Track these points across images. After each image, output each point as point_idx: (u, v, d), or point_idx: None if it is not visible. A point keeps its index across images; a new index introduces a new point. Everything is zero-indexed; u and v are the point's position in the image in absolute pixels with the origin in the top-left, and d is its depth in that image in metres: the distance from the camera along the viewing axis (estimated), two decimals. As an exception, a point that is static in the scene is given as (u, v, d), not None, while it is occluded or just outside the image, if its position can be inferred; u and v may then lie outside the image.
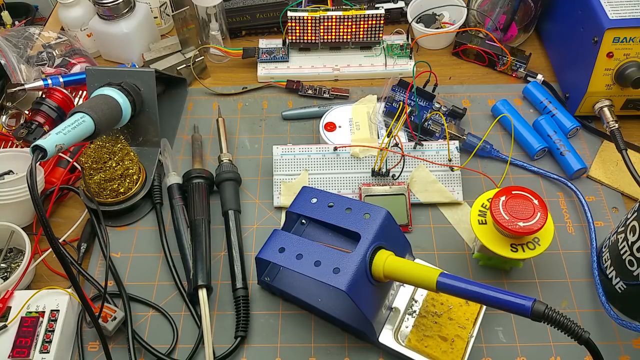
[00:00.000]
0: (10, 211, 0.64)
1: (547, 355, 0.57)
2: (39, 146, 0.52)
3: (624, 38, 0.67)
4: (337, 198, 0.57)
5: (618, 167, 0.70)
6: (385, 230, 0.54)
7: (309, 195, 0.58)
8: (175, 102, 0.80)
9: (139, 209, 0.69)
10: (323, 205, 0.57)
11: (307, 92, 0.81)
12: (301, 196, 0.59)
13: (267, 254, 0.54)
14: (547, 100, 0.76)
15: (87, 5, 0.85)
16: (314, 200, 0.57)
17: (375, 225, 0.53)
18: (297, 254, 0.53)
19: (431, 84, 0.73)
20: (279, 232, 0.56)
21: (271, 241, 0.55)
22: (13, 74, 0.76)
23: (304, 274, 0.51)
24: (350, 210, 0.55)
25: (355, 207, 0.55)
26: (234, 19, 0.87)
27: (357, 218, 0.54)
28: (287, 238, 0.54)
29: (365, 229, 0.53)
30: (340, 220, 0.55)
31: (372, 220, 0.54)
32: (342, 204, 0.56)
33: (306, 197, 0.58)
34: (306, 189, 0.59)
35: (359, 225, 0.54)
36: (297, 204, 0.58)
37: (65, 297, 0.58)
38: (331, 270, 0.50)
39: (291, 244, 0.54)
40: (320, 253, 0.52)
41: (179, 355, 0.58)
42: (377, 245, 0.52)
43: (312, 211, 0.57)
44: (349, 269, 0.50)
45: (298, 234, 0.60)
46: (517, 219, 0.54)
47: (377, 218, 0.54)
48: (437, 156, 0.69)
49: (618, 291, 0.57)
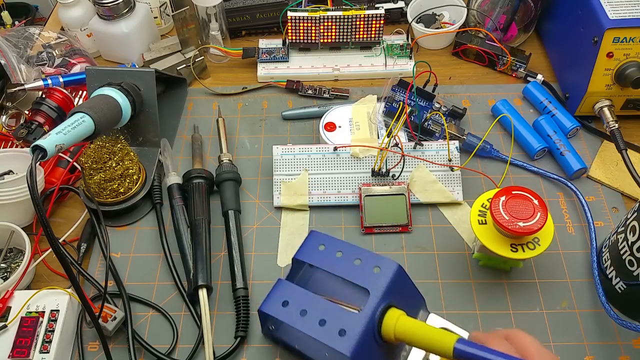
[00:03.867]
0: (10, 211, 0.64)
1: (547, 355, 0.57)
2: (39, 146, 0.52)
3: (624, 38, 0.67)
4: (346, 247, 0.53)
5: (618, 167, 0.70)
6: (397, 285, 0.51)
7: (317, 242, 0.55)
8: (175, 102, 0.80)
9: (139, 209, 0.69)
10: (331, 254, 0.53)
11: (307, 92, 0.81)
12: (309, 242, 0.56)
13: (270, 308, 0.51)
14: (547, 100, 0.76)
15: (87, 5, 0.85)
16: (322, 247, 0.54)
17: (385, 280, 0.50)
18: (301, 310, 0.50)
19: (431, 84, 0.73)
20: (284, 282, 0.53)
21: (275, 293, 0.52)
22: (13, 74, 0.76)
23: (307, 333, 0.48)
24: (359, 262, 0.52)
25: (365, 258, 0.52)
26: (234, 19, 0.87)
27: (367, 271, 0.51)
28: (292, 290, 0.52)
29: (375, 285, 0.49)
30: (349, 272, 0.52)
31: (383, 274, 0.50)
32: (351, 254, 0.53)
33: (314, 244, 0.55)
34: (314, 235, 0.56)
35: (368, 280, 0.50)
36: (304, 251, 0.55)
37: (65, 297, 0.58)
38: (336, 332, 0.47)
39: (295, 298, 0.51)
40: (325, 310, 0.49)
41: (179, 355, 0.58)
42: (387, 304, 0.49)
43: (319, 260, 0.53)
44: (355, 331, 0.47)
45: (305, 278, 0.57)
46: (517, 219, 0.54)
47: (388, 273, 0.50)
48: (437, 156, 0.69)
49: (618, 291, 0.57)
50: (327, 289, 0.55)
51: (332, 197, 0.68)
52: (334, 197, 0.68)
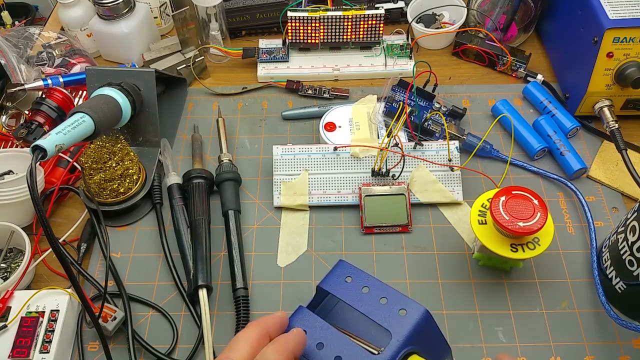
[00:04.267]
0: (10, 211, 0.64)
1: (547, 355, 0.57)
2: (39, 146, 0.52)
3: (624, 38, 0.67)
4: (373, 283, 0.51)
5: (618, 167, 0.70)
6: (422, 332, 0.48)
7: (344, 272, 0.52)
8: (175, 102, 0.80)
9: (139, 209, 0.69)
10: (357, 288, 0.51)
11: (307, 92, 0.81)
12: (336, 271, 0.53)
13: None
14: (547, 100, 0.76)
15: (87, 5, 0.85)
16: (349, 279, 0.52)
17: (409, 325, 0.47)
18: (318, 342, 0.47)
19: (431, 84, 0.73)
20: (304, 311, 0.50)
21: (294, 320, 0.50)
22: (13, 74, 0.76)
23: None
24: (385, 301, 0.49)
25: (392, 298, 0.49)
26: (234, 19, 0.87)
27: (391, 312, 0.48)
28: (312, 320, 0.49)
29: (398, 328, 0.47)
30: (373, 310, 0.49)
31: (408, 318, 0.48)
32: (377, 291, 0.50)
33: (340, 274, 0.52)
34: (343, 264, 0.53)
35: (392, 321, 0.48)
36: (330, 281, 0.52)
37: (65, 297, 0.58)
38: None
39: (314, 329, 0.48)
40: (343, 348, 0.47)
41: (179, 355, 0.58)
42: (409, 350, 0.47)
43: (343, 292, 0.51)
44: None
45: (328, 307, 0.55)
46: (517, 219, 0.54)
47: (414, 316, 0.48)
48: (437, 156, 0.69)
49: (618, 291, 0.57)
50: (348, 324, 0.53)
51: (332, 197, 0.68)
52: (334, 197, 0.68)
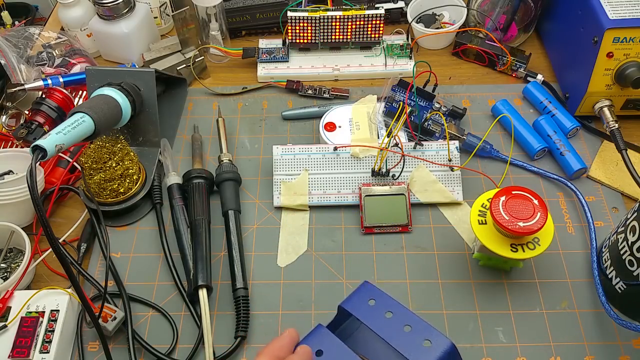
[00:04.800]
0: (10, 211, 0.64)
1: (547, 355, 0.57)
2: (39, 146, 0.52)
3: (624, 38, 0.67)
4: (398, 308, 0.49)
5: (618, 167, 0.70)
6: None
7: (368, 295, 0.50)
8: (175, 102, 0.80)
9: (139, 209, 0.69)
10: (380, 312, 0.49)
11: (307, 92, 0.81)
12: (359, 293, 0.51)
13: None
14: (547, 100, 0.76)
15: (87, 5, 0.85)
16: (372, 302, 0.50)
17: (434, 357, 0.45)
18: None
19: (431, 84, 0.73)
20: (323, 330, 0.49)
21: (311, 339, 0.48)
22: (13, 74, 0.76)
23: None
24: (409, 329, 0.47)
25: (417, 326, 0.47)
26: (234, 19, 0.87)
27: (415, 342, 0.46)
28: (329, 341, 0.47)
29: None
30: (395, 338, 0.47)
31: (432, 350, 0.46)
32: (402, 317, 0.48)
33: (364, 296, 0.50)
34: (367, 286, 0.51)
35: (415, 352, 0.45)
36: (353, 302, 0.50)
37: (65, 297, 0.58)
38: None
39: (331, 350, 0.47)
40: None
41: (179, 355, 0.58)
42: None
43: (366, 315, 0.49)
44: None
45: (349, 330, 0.53)
46: (517, 219, 0.54)
47: (439, 349, 0.46)
48: (437, 156, 0.69)
49: (618, 291, 0.57)
50: (367, 349, 0.52)
51: (332, 197, 0.68)
52: (334, 197, 0.68)
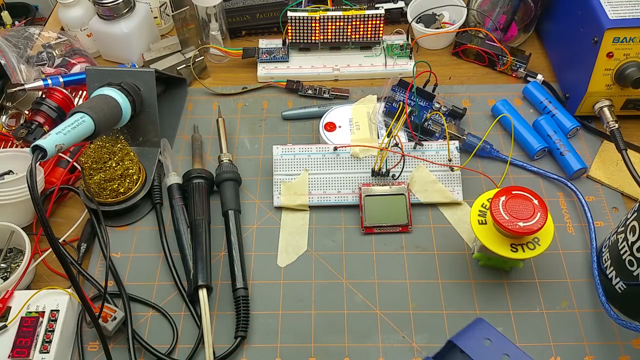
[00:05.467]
0: (10, 211, 0.64)
1: (547, 355, 0.57)
2: (39, 146, 0.52)
3: (624, 38, 0.67)
4: (515, 352, 0.45)
5: (618, 167, 0.70)
6: None
7: (484, 334, 0.47)
8: (175, 102, 0.80)
9: (139, 209, 0.69)
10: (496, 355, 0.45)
11: (307, 92, 0.81)
12: (473, 330, 0.47)
13: None
14: (547, 100, 0.76)
15: (87, 5, 0.85)
16: (487, 342, 0.46)
17: None
18: None
19: (431, 84, 0.73)
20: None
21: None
22: (13, 74, 0.76)
23: None
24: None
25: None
26: (234, 19, 0.87)
27: None
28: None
29: None
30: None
31: None
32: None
33: (479, 334, 0.47)
34: (482, 324, 0.47)
35: None
36: (467, 339, 0.47)
37: (65, 297, 0.58)
38: None
39: None
40: None
41: (179, 355, 0.58)
42: None
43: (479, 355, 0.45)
44: None
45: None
46: (517, 219, 0.54)
47: None
48: (437, 156, 0.69)
49: (618, 291, 0.57)
50: None
51: (332, 197, 0.68)
52: (334, 197, 0.68)
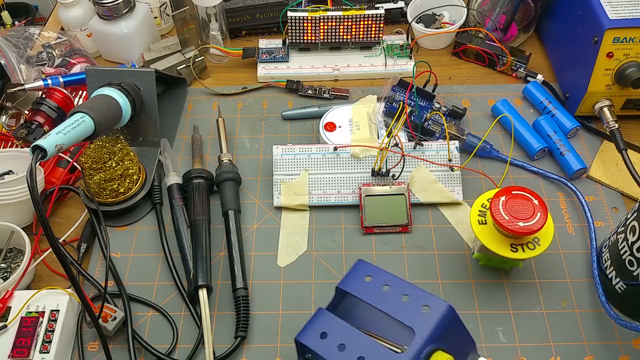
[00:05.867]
0: (10, 211, 0.64)
1: (547, 355, 0.57)
2: (39, 146, 0.52)
3: (624, 38, 0.67)
4: (394, 280, 0.50)
5: (618, 167, 0.70)
6: (446, 327, 0.47)
7: (364, 272, 0.52)
8: (175, 102, 0.80)
9: (139, 209, 0.69)
10: (377, 287, 0.50)
11: (307, 92, 0.81)
12: (355, 272, 0.52)
13: (306, 338, 0.49)
14: (547, 100, 0.76)
15: (87, 5, 0.85)
16: (368, 278, 0.51)
17: (433, 321, 0.46)
18: (339, 344, 0.47)
19: (431, 84, 0.73)
20: (324, 312, 0.50)
21: (314, 322, 0.49)
22: (13, 74, 0.76)
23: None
24: (407, 298, 0.49)
25: (414, 295, 0.49)
26: (234, 19, 0.87)
27: (414, 310, 0.47)
28: (332, 322, 0.48)
29: (421, 326, 0.46)
30: (394, 309, 0.48)
31: (431, 315, 0.47)
32: (399, 289, 0.49)
33: (360, 274, 0.51)
34: (362, 264, 0.52)
35: (415, 319, 0.47)
36: (350, 281, 0.51)
37: (65, 297, 0.58)
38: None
39: (335, 330, 0.48)
40: (366, 348, 0.46)
41: (179, 355, 0.58)
42: (433, 347, 0.46)
43: (364, 292, 0.50)
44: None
45: (347, 308, 0.54)
46: (517, 219, 0.54)
47: (437, 313, 0.47)
48: (437, 156, 0.69)
49: (618, 291, 0.57)
50: (369, 324, 0.52)
51: (332, 197, 0.68)
52: (334, 197, 0.68)
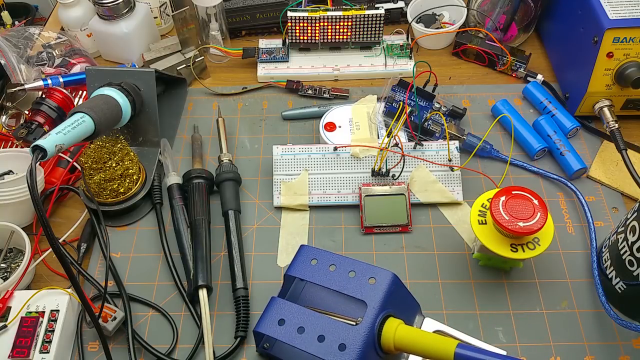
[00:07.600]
0: (10, 211, 0.64)
1: (547, 355, 0.57)
2: (39, 146, 0.52)
3: (624, 38, 0.67)
4: (338, 259, 0.53)
5: (618, 167, 0.70)
6: (393, 295, 0.50)
7: (309, 256, 0.54)
8: (175, 102, 0.80)
9: (139, 209, 0.69)
10: (324, 268, 0.52)
11: (307, 92, 0.81)
12: (300, 257, 0.55)
13: (265, 328, 0.50)
14: (547, 100, 0.76)
15: (87, 5, 0.85)
16: (314, 261, 0.53)
17: (381, 291, 0.49)
18: (298, 327, 0.49)
19: (431, 84, 0.73)
20: (278, 300, 0.52)
21: (269, 311, 0.51)
22: (13, 74, 0.76)
23: (306, 350, 0.47)
24: (354, 274, 0.51)
25: (359, 270, 0.51)
26: (234, 19, 0.87)
27: (362, 283, 0.50)
28: (287, 308, 0.50)
29: (372, 296, 0.49)
30: (344, 285, 0.51)
31: (378, 285, 0.50)
32: (344, 267, 0.52)
33: (305, 258, 0.54)
34: (305, 249, 0.55)
35: (364, 291, 0.49)
36: (296, 267, 0.54)
37: (65, 297, 0.58)
38: (336, 347, 0.47)
39: (291, 315, 0.50)
40: (323, 326, 0.48)
41: (179, 355, 0.58)
42: (385, 314, 0.48)
43: (312, 275, 0.53)
44: (355, 345, 0.46)
45: (297, 293, 0.56)
46: (517, 219, 0.54)
47: (384, 282, 0.50)
48: (437, 156, 0.69)
49: (618, 291, 0.57)
50: (323, 304, 0.54)
51: (332, 197, 0.68)
52: (334, 197, 0.68)
